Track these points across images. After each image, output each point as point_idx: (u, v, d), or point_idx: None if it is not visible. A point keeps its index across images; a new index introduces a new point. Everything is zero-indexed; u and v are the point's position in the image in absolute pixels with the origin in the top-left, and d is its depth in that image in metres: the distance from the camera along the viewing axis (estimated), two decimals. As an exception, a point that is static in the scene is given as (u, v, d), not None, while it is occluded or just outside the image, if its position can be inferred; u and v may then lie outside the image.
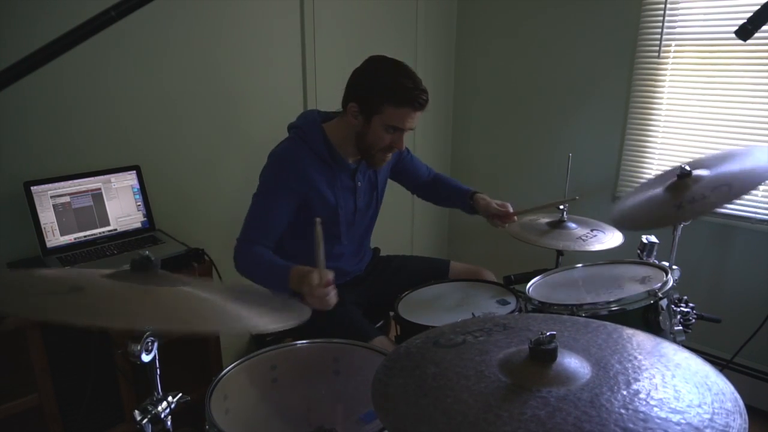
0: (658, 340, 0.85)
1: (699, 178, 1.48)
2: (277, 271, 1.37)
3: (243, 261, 1.47)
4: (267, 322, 0.86)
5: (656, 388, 0.70)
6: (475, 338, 0.88)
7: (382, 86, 1.43)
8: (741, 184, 1.36)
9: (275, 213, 1.49)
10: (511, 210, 1.70)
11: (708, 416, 0.64)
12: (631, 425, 0.62)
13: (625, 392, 0.69)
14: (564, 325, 0.91)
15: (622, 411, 0.65)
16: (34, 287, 0.82)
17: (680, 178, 1.50)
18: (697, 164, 1.59)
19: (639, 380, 0.72)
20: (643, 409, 0.65)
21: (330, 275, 1.24)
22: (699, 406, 0.66)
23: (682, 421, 0.63)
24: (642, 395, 0.68)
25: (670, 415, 0.64)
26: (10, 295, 0.77)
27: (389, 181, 1.82)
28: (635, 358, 0.78)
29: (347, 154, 1.58)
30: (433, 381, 0.77)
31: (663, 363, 0.76)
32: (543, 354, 0.74)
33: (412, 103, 1.43)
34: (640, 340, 0.84)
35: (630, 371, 0.74)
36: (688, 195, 1.44)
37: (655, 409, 0.65)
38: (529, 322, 0.93)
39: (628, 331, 0.87)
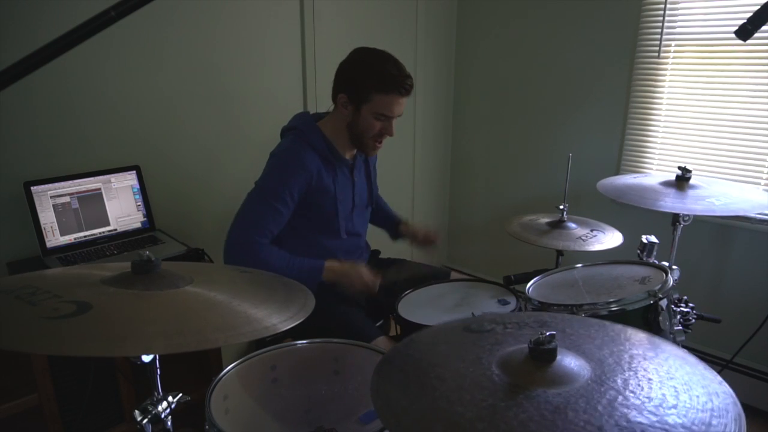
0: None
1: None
2: (307, 265, 1.49)
3: (252, 255, 1.46)
4: (282, 320, 0.86)
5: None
6: (504, 329, 0.87)
7: (369, 75, 1.48)
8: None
9: (279, 212, 1.50)
10: (435, 238, 1.88)
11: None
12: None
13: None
14: (605, 330, 0.87)
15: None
16: (37, 307, 0.77)
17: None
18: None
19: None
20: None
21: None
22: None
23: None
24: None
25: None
26: (14, 328, 0.71)
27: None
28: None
29: (343, 148, 1.62)
30: (434, 358, 0.80)
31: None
32: (541, 354, 0.74)
33: (399, 89, 1.48)
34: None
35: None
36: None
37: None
38: (569, 324, 0.90)
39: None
